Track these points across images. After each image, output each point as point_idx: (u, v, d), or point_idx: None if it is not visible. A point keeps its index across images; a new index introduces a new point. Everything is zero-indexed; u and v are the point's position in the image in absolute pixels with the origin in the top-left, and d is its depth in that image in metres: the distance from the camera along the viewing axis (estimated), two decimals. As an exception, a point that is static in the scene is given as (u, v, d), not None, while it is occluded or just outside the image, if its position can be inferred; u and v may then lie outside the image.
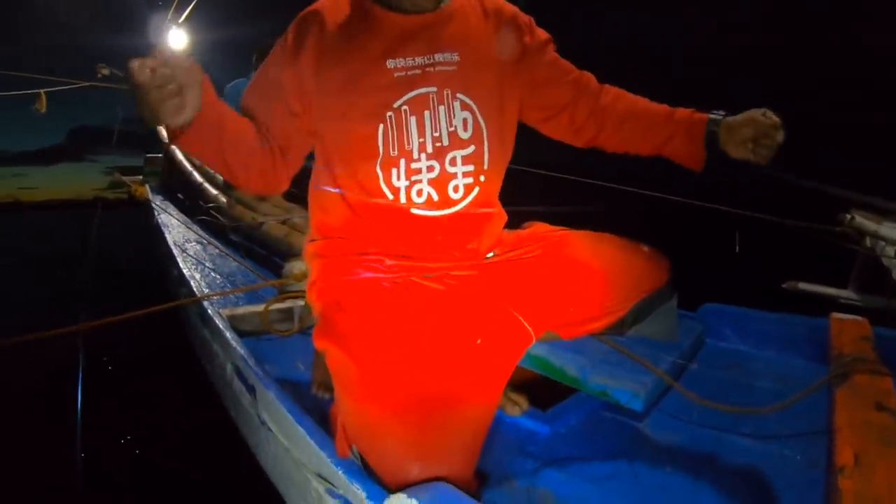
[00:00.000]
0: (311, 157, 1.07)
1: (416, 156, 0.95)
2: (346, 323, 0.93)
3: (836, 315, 1.53)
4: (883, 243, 1.70)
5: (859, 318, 1.52)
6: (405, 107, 0.95)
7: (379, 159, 0.95)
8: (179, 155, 4.28)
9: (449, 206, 0.98)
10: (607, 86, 1.12)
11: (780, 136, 0.95)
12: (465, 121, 0.97)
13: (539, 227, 1.13)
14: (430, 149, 0.95)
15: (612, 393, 1.24)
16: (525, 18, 1.07)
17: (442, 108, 0.96)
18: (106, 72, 4.87)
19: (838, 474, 0.86)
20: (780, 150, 0.96)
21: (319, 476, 0.97)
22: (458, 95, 0.97)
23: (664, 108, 1.07)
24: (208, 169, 3.93)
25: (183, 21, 4.92)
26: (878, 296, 1.78)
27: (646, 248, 1.09)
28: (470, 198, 0.99)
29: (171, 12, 4.72)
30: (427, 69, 0.96)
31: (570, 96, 1.10)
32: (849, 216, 1.77)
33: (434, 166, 0.96)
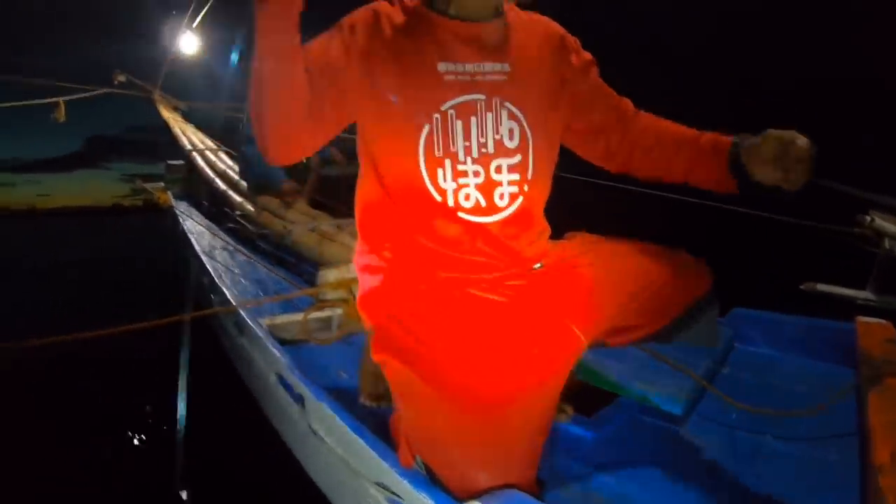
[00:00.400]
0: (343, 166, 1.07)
1: (461, 158, 0.97)
2: (404, 335, 0.95)
3: (862, 319, 1.56)
4: (903, 245, 1.73)
5: (884, 321, 1.55)
6: (452, 111, 0.96)
7: (423, 159, 0.96)
8: (200, 162, 4.30)
9: (495, 213, 0.99)
10: (642, 112, 1.14)
11: (802, 143, 0.89)
12: (511, 130, 0.99)
13: (583, 238, 1.16)
14: (475, 153, 0.97)
15: (652, 398, 1.28)
16: (572, 39, 1.09)
17: (489, 115, 0.98)
18: (122, 78, 4.94)
19: (877, 473, 0.90)
20: (811, 169, 0.91)
21: (381, 486, 0.98)
22: (507, 105, 0.99)
23: (692, 132, 1.08)
24: (232, 176, 3.96)
25: (196, 25, 4.97)
26: (897, 298, 1.81)
27: (689, 257, 1.11)
28: (515, 206, 1.00)
29: (186, 17, 4.76)
30: (477, 76, 0.97)
31: (609, 121, 1.12)
32: (868, 217, 1.80)
33: (479, 171, 0.97)
